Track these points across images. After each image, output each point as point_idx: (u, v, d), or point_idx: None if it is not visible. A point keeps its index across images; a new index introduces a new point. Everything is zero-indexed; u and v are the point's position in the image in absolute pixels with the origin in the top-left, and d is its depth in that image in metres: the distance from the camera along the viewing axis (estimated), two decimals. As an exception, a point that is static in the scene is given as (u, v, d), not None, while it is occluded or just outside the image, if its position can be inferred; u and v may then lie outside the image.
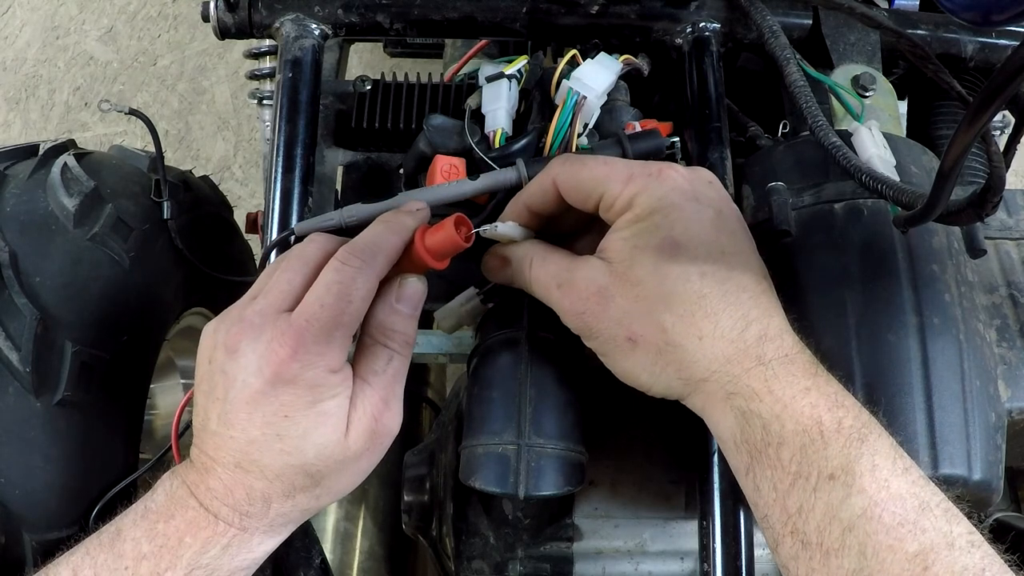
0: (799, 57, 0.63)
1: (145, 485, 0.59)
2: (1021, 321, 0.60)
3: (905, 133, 0.76)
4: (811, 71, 0.63)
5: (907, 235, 0.55)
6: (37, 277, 0.67)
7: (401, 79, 0.68)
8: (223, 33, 0.68)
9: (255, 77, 1.10)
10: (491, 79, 0.62)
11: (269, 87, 1.09)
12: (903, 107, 0.86)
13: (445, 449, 0.64)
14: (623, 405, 0.60)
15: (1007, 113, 0.95)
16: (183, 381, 1.00)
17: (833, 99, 0.66)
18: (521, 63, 0.63)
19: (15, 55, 1.90)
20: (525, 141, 0.59)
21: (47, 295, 0.67)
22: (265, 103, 1.10)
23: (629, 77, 0.66)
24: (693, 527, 0.60)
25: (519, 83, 0.63)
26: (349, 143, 0.68)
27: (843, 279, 0.54)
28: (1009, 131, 0.72)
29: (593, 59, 0.62)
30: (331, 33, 0.68)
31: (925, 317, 0.53)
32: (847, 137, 0.56)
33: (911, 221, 0.48)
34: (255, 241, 0.84)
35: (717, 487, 0.54)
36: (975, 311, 0.56)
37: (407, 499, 0.65)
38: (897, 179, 0.52)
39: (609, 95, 0.62)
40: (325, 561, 0.60)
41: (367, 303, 0.49)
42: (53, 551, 0.55)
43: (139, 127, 1.80)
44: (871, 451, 0.43)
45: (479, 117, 0.62)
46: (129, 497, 0.63)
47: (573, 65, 0.62)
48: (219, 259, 0.91)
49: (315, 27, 0.67)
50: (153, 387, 0.95)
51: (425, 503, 0.64)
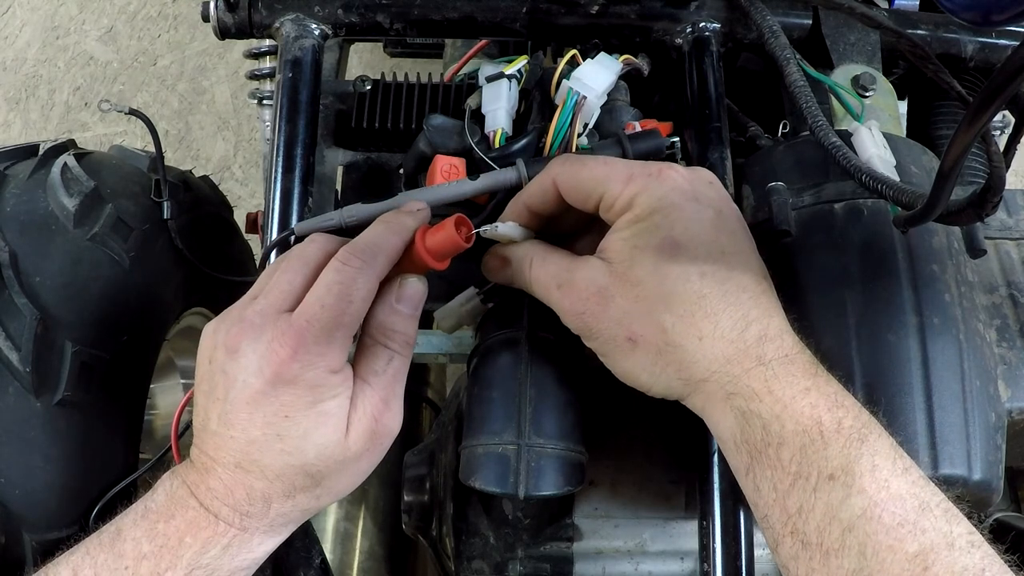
0: (799, 57, 0.63)
1: (145, 485, 0.59)
2: (1021, 321, 0.60)
3: (905, 133, 0.76)
4: (811, 71, 0.63)
5: (907, 235, 0.55)
6: (37, 277, 0.67)
7: (401, 79, 0.68)
8: (223, 33, 0.68)
9: (255, 77, 1.10)
10: (491, 79, 0.62)
11: (269, 87, 1.09)
12: (903, 107, 0.86)
13: (445, 449, 0.64)
14: (623, 405, 0.60)
15: (1007, 113, 0.95)
16: (183, 381, 1.00)
17: (833, 99, 0.66)
18: (521, 63, 0.63)
19: (15, 55, 1.90)
20: (525, 141, 0.59)
21: (47, 295, 0.67)
22: (265, 103, 1.10)
23: (629, 77, 0.66)
24: (693, 527, 0.60)
25: (519, 83, 0.63)
26: (349, 143, 0.68)
27: (843, 279, 0.54)
28: (1009, 131, 0.72)
29: (593, 59, 0.62)
30: (331, 33, 0.68)
31: (925, 317, 0.53)
32: (847, 137, 0.56)
33: (911, 221, 0.47)
34: (255, 241, 0.84)
35: (717, 487, 0.54)
36: (975, 311, 0.56)
37: (407, 499, 0.65)
38: (897, 179, 0.52)
39: (609, 95, 0.62)
40: (325, 561, 0.60)
41: (368, 303, 0.49)
42: (53, 551, 0.55)
43: (139, 127, 1.80)
44: (871, 451, 0.43)
45: (479, 117, 0.62)
46: (129, 497, 0.63)
47: (573, 65, 0.62)
48: (219, 259, 0.91)
49: (315, 27, 0.67)
50: (153, 387, 0.95)
51: (425, 503, 0.64)
